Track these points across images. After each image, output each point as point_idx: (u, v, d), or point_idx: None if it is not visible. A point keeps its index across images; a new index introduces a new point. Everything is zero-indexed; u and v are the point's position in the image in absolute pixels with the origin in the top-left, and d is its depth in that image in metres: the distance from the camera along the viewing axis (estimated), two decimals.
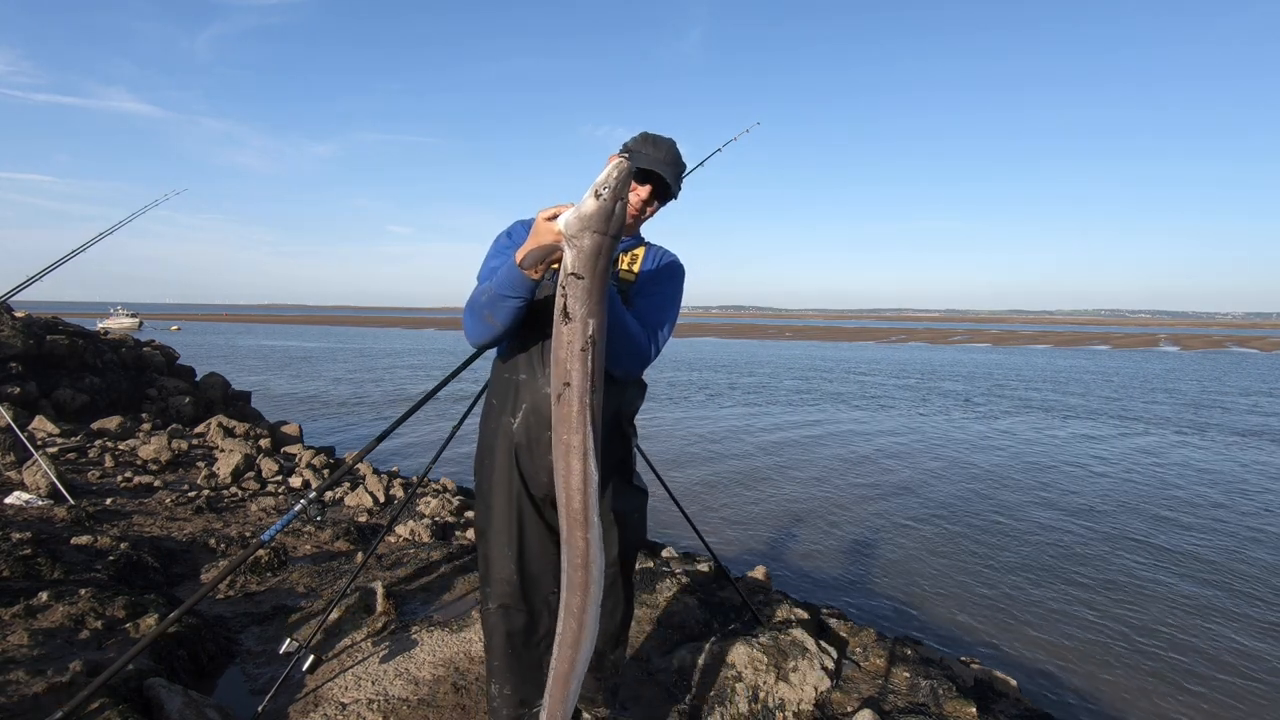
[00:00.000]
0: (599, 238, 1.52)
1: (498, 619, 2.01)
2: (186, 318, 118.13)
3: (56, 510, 4.42)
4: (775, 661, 2.85)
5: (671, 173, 1.97)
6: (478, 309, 1.82)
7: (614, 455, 2.06)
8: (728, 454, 12.78)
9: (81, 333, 11.06)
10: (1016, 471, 11.56)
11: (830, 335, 78.02)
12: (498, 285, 1.75)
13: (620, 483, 2.10)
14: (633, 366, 1.93)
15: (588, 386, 1.54)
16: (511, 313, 1.76)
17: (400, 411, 2.72)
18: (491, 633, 2.03)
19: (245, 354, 37.69)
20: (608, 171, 1.53)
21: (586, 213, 1.52)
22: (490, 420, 2.05)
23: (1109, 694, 4.83)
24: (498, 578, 2.00)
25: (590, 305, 1.53)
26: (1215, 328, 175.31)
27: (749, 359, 39.20)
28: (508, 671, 2.02)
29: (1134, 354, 50.02)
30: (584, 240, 1.52)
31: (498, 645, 2.02)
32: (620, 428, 2.07)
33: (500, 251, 1.96)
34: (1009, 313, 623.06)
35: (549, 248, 1.63)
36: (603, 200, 1.52)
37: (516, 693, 2.03)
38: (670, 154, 1.98)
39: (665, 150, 1.97)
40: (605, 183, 1.51)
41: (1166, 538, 8.14)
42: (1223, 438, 15.11)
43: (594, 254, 1.52)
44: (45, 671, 2.37)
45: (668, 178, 1.96)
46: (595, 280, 1.53)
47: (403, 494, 6.09)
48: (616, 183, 1.52)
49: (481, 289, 1.82)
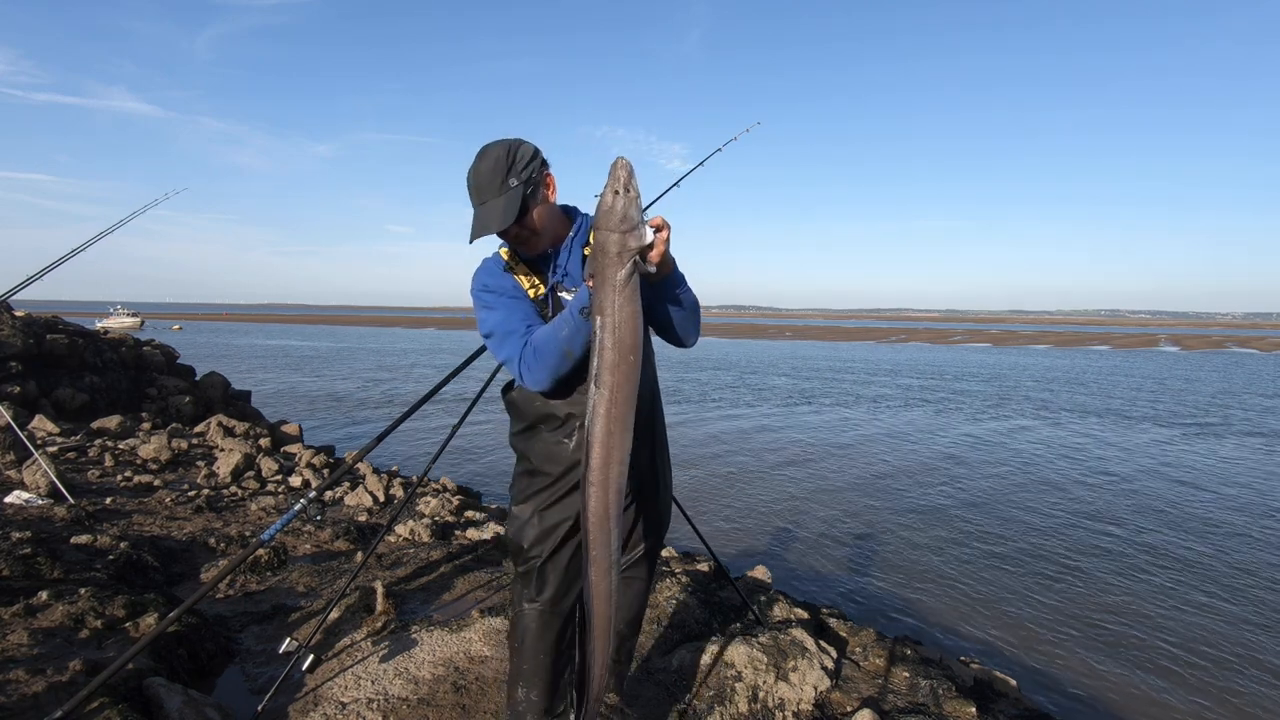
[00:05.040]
0: (602, 235, 1.62)
1: (537, 625, 1.99)
2: (186, 317, 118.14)
3: (56, 509, 4.42)
4: (775, 661, 2.85)
5: (498, 189, 1.79)
6: (557, 346, 1.79)
7: (654, 437, 2.12)
8: (727, 453, 12.78)
9: (81, 332, 11.06)
10: (1017, 472, 11.56)
11: (831, 335, 78.01)
12: (572, 314, 1.75)
13: (661, 474, 2.16)
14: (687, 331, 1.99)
15: (617, 371, 1.64)
16: (586, 337, 1.72)
17: (400, 411, 2.72)
18: (525, 635, 2.00)
19: (245, 354, 37.69)
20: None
21: (595, 216, 1.65)
22: (535, 441, 2.01)
23: (1109, 694, 4.83)
24: (543, 589, 1.98)
25: (601, 299, 1.63)
26: (1215, 328, 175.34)
27: (749, 359, 39.19)
28: (535, 676, 2.00)
29: (1135, 354, 50.00)
30: (594, 239, 1.66)
31: (531, 650, 2.00)
32: (655, 404, 2.13)
33: (509, 309, 1.91)
34: (1008, 313, 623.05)
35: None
36: (599, 199, 1.64)
37: (543, 699, 2.01)
38: (491, 167, 1.80)
39: (486, 169, 1.80)
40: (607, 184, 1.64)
41: (1167, 538, 8.14)
42: (1247, 439, 15.11)
43: (600, 251, 1.62)
44: (45, 670, 2.37)
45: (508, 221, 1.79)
46: (600, 275, 1.63)
47: (403, 494, 6.09)
48: (610, 179, 1.64)
49: (555, 326, 1.80)
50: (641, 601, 2.29)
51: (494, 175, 1.79)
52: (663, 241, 1.65)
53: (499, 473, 10.51)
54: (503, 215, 1.78)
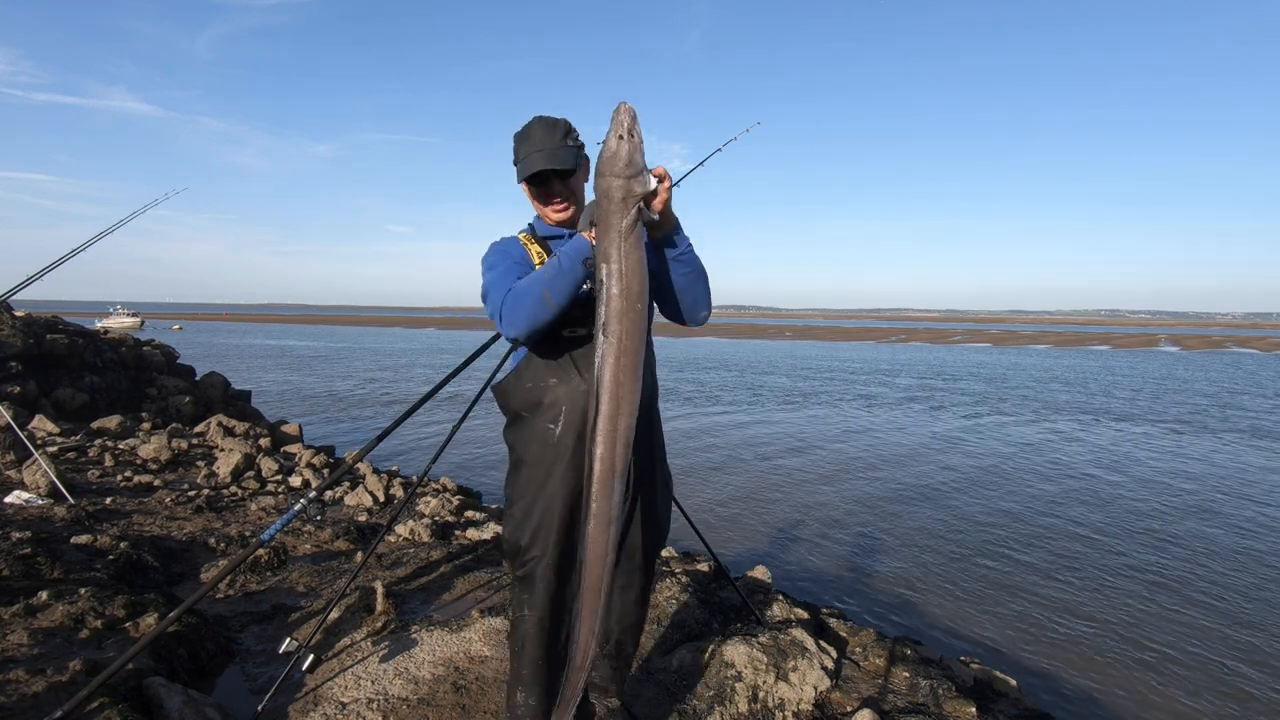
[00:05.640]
0: (606, 180, 1.60)
1: (536, 630, 1.98)
2: (186, 317, 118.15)
3: (56, 509, 4.42)
4: (775, 661, 2.85)
5: (560, 140, 1.94)
6: (534, 289, 1.79)
7: (652, 434, 2.09)
8: (727, 453, 12.78)
9: (81, 332, 11.06)
10: (1017, 472, 11.56)
11: (831, 335, 78.01)
12: (564, 256, 1.76)
13: (659, 472, 2.13)
14: (697, 302, 1.96)
15: (625, 319, 1.62)
16: (573, 285, 1.75)
17: (400, 411, 2.72)
18: (525, 641, 1.99)
19: (245, 354, 37.69)
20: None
21: (597, 162, 1.62)
22: (524, 430, 2.01)
23: (1109, 693, 4.83)
24: (540, 590, 1.96)
25: (606, 247, 1.61)
26: (1215, 328, 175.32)
27: (749, 359, 39.19)
28: (534, 683, 2.00)
29: (1135, 354, 50.00)
30: (597, 186, 1.63)
31: (530, 655, 1.99)
32: (654, 402, 2.11)
33: (507, 268, 1.93)
34: (1008, 313, 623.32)
35: (593, 204, 1.70)
36: (602, 144, 1.61)
37: (541, 703, 2.00)
38: (552, 125, 1.96)
39: (548, 125, 1.95)
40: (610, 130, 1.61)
41: (1168, 539, 8.14)
42: (1244, 438, 15.11)
43: (603, 197, 1.61)
44: (45, 670, 2.37)
45: (568, 164, 1.93)
46: (604, 223, 1.61)
47: (403, 494, 6.09)
48: (613, 124, 1.61)
49: (539, 270, 1.83)
50: (641, 609, 2.24)
51: (555, 131, 1.95)
52: (666, 190, 1.65)
53: (499, 472, 10.51)
54: (567, 157, 1.93)
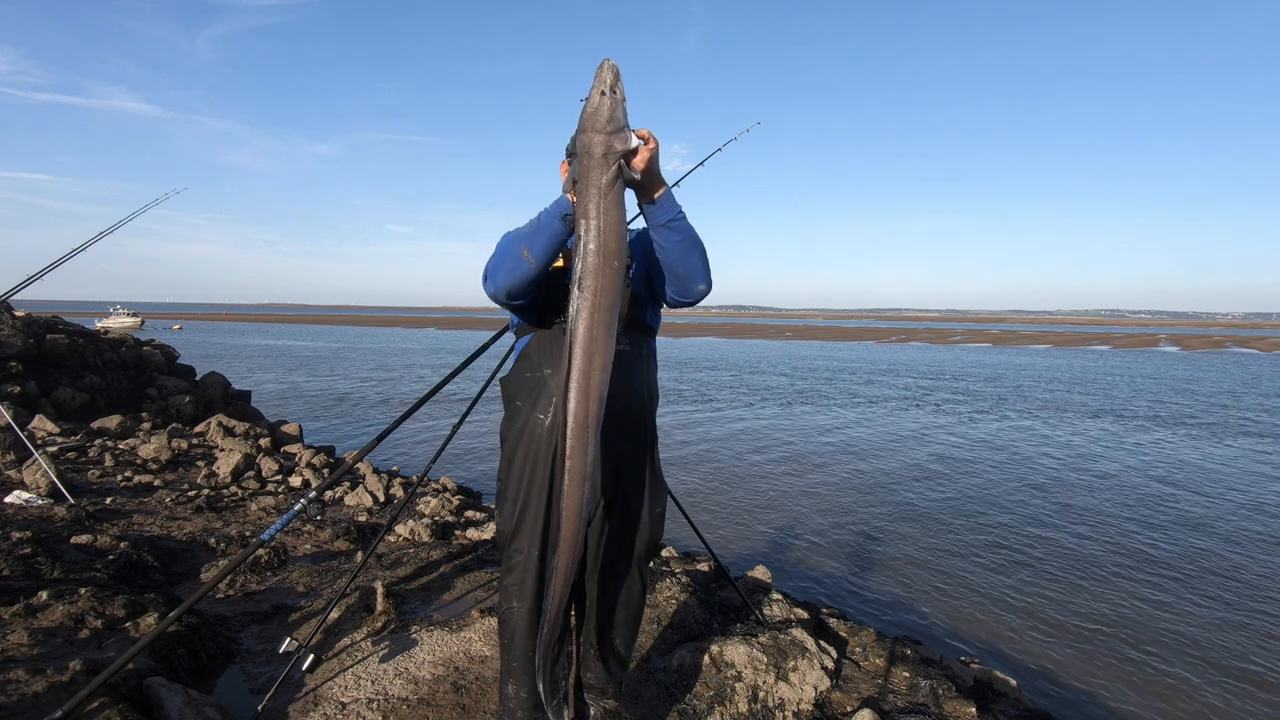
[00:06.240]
0: (587, 136, 1.57)
1: (526, 622, 1.98)
2: (186, 317, 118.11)
3: (56, 509, 4.42)
4: (775, 661, 2.85)
5: None
6: (513, 245, 1.80)
7: (645, 437, 2.08)
8: (727, 453, 12.78)
9: (81, 332, 11.06)
10: (1018, 473, 11.56)
11: (830, 335, 77.99)
12: (544, 213, 1.77)
13: (649, 476, 2.11)
14: (691, 276, 1.88)
15: (601, 275, 1.57)
16: (551, 241, 1.75)
17: (400, 411, 2.72)
18: (515, 633, 2.00)
19: (245, 354, 37.68)
20: None
21: (580, 119, 1.58)
22: (516, 421, 2.03)
23: (1109, 693, 4.83)
24: (529, 583, 1.97)
25: (585, 203, 1.58)
26: (1215, 328, 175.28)
27: (748, 359, 39.19)
28: (525, 674, 2.00)
29: (1135, 354, 49.98)
30: (579, 142, 1.59)
31: (520, 647, 1.99)
32: (651, 406, 2.11)
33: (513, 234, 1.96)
34: (1008, 313, 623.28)
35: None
36: (585, 101, 1.57)
37: (533, 695, 2.00)
38: None
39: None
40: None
41: (1168, 538, 8.14)
42: (1244, 440, 15.10)
43: (584, 153, 1.58)
44: (45, 670, 2.37)
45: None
46: (584, 179, 1.58)
47: (403, 493, 6.09)
48: (596, 80, 1.58)
49: (523, 226, 1.83)
50: (636, 609, 2.21)
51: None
52: (648, 150, 1.63)
53: None
54: None
